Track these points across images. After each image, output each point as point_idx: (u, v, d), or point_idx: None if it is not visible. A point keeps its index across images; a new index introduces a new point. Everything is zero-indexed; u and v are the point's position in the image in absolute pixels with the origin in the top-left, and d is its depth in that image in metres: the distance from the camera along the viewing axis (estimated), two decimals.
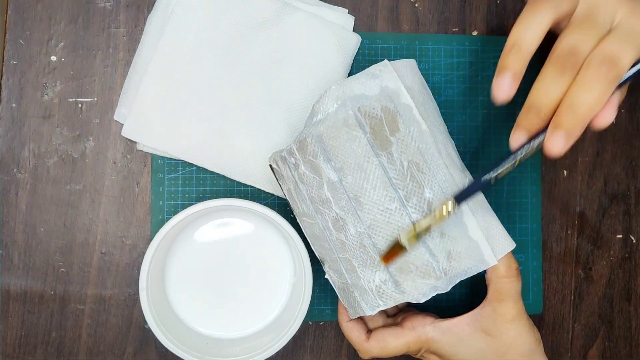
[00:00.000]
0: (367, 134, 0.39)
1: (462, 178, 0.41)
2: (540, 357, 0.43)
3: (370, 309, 0.40)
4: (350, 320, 0.45)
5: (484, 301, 0.42)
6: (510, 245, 0.41)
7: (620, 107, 0.53)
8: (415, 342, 0.43)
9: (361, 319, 0.46)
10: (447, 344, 0.42)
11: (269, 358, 0.45)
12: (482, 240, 0.40)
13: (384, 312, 0.48)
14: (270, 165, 0.44)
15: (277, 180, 0.44)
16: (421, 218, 0.39)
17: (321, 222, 0.41)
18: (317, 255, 0.44)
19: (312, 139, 0.39)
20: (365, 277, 0.40)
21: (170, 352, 0.44)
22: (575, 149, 0.53)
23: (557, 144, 0.36)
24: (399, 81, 0.40)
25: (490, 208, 0.42)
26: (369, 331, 0.45)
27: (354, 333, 0.45)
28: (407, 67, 0.42)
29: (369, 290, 0.40)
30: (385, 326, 0.45)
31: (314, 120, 0.42)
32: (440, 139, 0.41)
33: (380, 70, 0.40)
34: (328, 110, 0.40)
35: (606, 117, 0.37)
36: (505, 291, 0.41)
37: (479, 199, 0.41)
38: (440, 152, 0.40)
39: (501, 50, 0.39)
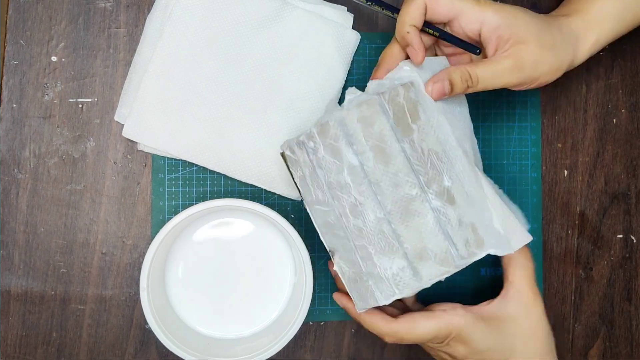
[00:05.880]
0: (391, 119, 0.39)
1: (475, 172, 0.41)
2: (553, 349, 0.44)
3: (384, 298, 0.40)
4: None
5: (505, 287, 0.43)
6: (527, 237, 0.41)
7: (620, 107, 0.53)
8: (446, 326, 0.42)
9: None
10: (480, 329, 0.42)
11: (270, 358, 0.45)
12: (500, 230, 0.40)
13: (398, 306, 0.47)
14: (282, 153, 0.43)
15: (289, 168, 0.43)
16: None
17: (337, 208, 0.41)
18: (326, 246, 0.43)
19: (334, 122, 0.39)
20: (381, 265, 0.40)
21: (171, 352, 0.44)
22: (575, 148, 0.53)
23: None
24: (419, 77, 0.41)
25: (505, 204, 0.42)
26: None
27: (376, 316, 0.43)
28: (436, 63, 0.43)
29: (384, 278, 0.40)
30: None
31: (335, 105, 0.43)
32: (458, 133, 0.41)
33: (399, 71, 0.42)
34: (351, 97, 0.41)
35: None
36: (527, 270, 0.43)
37: (496, 191, 0.42)
38: (459, 143, 0.41)
39: None
